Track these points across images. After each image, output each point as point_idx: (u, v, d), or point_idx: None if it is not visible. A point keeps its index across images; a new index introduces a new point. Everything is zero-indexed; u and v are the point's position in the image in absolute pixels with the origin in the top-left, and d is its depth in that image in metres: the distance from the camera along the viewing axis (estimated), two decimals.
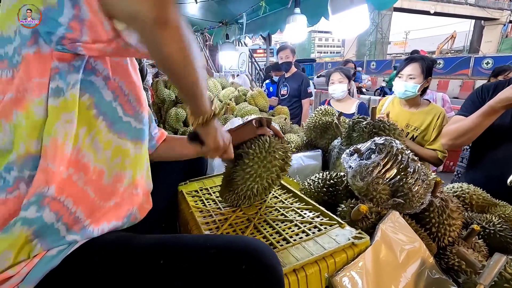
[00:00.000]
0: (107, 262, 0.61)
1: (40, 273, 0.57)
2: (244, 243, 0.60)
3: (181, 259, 0.58)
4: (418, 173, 0.93)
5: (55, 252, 0.59)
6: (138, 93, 0.73)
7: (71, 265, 0.60)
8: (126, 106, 0.69)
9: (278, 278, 0.58)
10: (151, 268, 0.58)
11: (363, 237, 0.75)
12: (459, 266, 0.90)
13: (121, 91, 0.68)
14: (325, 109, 1.73)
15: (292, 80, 3.40)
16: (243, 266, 0.55)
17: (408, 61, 1.76)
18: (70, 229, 0.61)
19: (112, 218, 0.67)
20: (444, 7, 23.97)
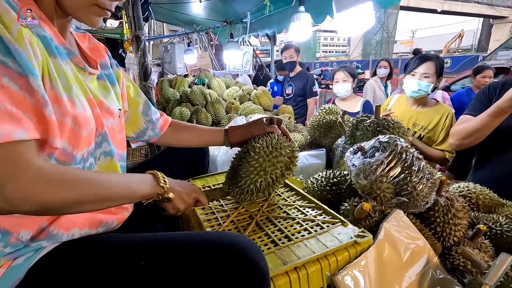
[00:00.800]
0: (82, 266, 0.59)
1: (8, 284, 0.56)
2: (226, 240, 0.59)
3: (161, 260, 0.57)
4: (423, 171, 0.92)
5: (21, 260, 0.58)
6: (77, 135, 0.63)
7: (41, 272, 0.58)
8: (60, 156, 0.62)
9: (261, 274, 0.56)
10: (132, 269, 0.57)
11: (366, 235, 0.75)
12: (464, 266, 0.88)
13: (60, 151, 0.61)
14: (329, 107, 1.72)
15: (297, 80, 3.38)
16: (222, 264, 0.54)
17: (423, 59, 1.71)
18: (34, 238, 0.59)
19: (85, 226, 0.66)
20: (451, 5, 23.65)
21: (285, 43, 4.07)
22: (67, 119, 0.59)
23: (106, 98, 0.75)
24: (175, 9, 3.99)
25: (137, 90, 0.98)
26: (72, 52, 0.66)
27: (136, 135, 0.98)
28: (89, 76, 0.72)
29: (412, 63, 1.75)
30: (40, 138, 0.53)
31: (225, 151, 1.63)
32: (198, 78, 3.37)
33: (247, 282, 0.54)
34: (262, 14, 3.55)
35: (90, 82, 0.71)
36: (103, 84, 0.78)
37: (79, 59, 0.68)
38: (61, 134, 0.59)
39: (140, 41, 1.61)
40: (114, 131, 0.77)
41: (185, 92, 2.85)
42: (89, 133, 0.66)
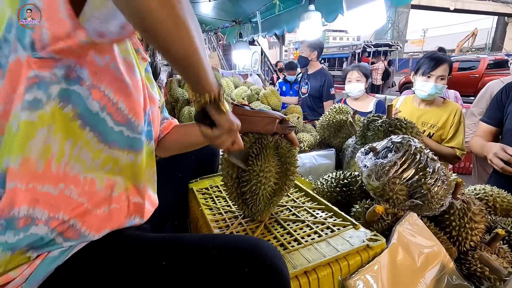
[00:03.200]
0: (110, 262, 0.60)
1: (43, 274, 0.57)
2: (248, 244, 0.58)
3: (183, 261, 0.57)
4: (438, 173, 0.89)
5: (57, 253, 0.58)
6: (132, 99, 0.65)
7: (73, 266, 0.59)
8: (116, 115, 0.63)
9: (283, 281, 0.55)
10: (153, 269, 0.56)
11: (379, 239, 0.72)
12: (481, 272, 0.85)
13: (108, 101, 0.62)
14: (339, 107, 1.69)
15: (314, 78, 3.14)
16: (245, 268, 0.53)
17: (439, 62, 1.68)
18: (68, 238, 0.59)
19: (115, 226, 0.66)
20: (464, 3, 23.10)
21: (294, 43, 4.00)
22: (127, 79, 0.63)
23: (151, 88, 0.78)
24: None
25: (159, 91, 0.98)
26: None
27: None
28: (141, 61, 0.74)
29: (426, 65, 1.71)
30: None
31: None
32: None
33: (270, 286, 0.53)
34: (271, 13, 3.53)
35: (141, 67, 0.74)
36: (147, 76, 0.81)
37: (134, 41, 0.70)
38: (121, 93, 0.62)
39: None
40: (155, 118, 0.79)
41: None
42: (141, 105, 0.68)
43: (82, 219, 0.61)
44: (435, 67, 1.68)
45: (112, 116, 0.63)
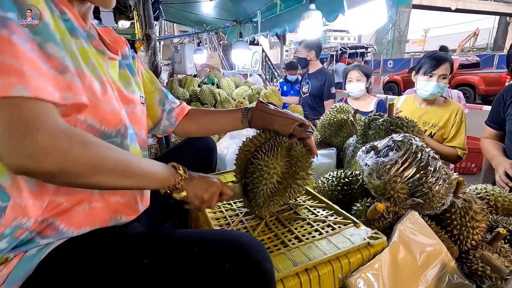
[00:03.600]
0: (90, 258, 0.59)
1: (21, 273, 0.56)
2: (230, 239, 0.58)
3: (164, 259, 0.56)
4: (439, 172, 0.88)
5: (34, 251, 0.58)
6: (100, 111, 0.63)
7: (52, 263, 0.58)
8: (89, 130, 0.61)
9: (266, 275, 0.54)
10: (134, 266, 0.56)
11: (380, 237, 0.72)
12: (483, 271, 0.84)
13: (76, 121, 0.60)
14: (340, 106, 1.69)
15: (314, 78, 3.13)
16: (226, 264, 0.53)
17: (441, 61, 1.68)
18: (45, 236, 0.59)
19: (96, 223, 0.65)
20: (466, 3, 23.03)
21: (295, 43, 3.99)
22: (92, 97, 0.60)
23: (125, 87, 0.75)
24: (185, 9, 4.02)
25: (154, 79, 0.96)
26: (91, 35, 0.67)
27: (154, 125, 0.97)
28: (109, 61, 0.72)
29: (427, 65, 1.71)
30: (58, 102, 0.51)
31: (234, 149, 1.62)
32: (207, 77, 3.38)
33: (251, 283, 0.53)
34: (272, 13, 3.53)
35: (110, 67, 0.71)
36: (123, 73, 0.78)
37: (98, 42, 0.68)
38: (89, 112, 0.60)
39: (151, 40, 1.62)
40: (136, 116, 0.77)
41: (194, 92, 2.86)
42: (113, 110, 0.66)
43: (61, 217, 0.60)
44: (437, 66, 1.67)
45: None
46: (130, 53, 0.86)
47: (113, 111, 0.65)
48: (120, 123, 0.67)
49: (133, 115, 0.75)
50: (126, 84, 0.77)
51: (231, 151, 1.65)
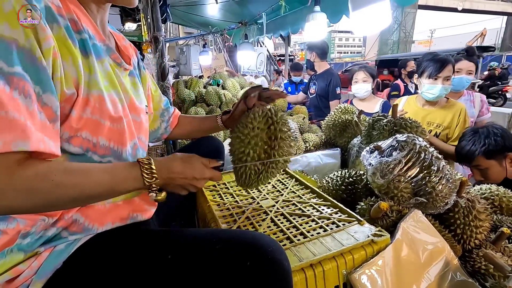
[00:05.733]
0: (118, 256, 0.62)
1: (51, 267, 0.60)
2: (251, 239, 0.60)
3: (188, 255, 0.59)
4: (443, 171, 0.90)
5: (63, 246, 0.62)
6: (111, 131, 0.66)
7: (80, 258, 0.62)
8: (100, 151, 0.65)
9: (284, 273, 0.57)
10: (159, 263, 0.59)
11: (383, 234, 0.74)
12: (486, 270, 0.85)
13: (88, 143, 0.63)
14: (345, 107, 1.71)
15: (321, 79, 3.17)
16: (248, 262, 0.55)
17: (445, 63, 1.69)
18: (72, 232, 0.63)
19: (116, 220, 0.69)
20: (473, 3, 22.81)
21: (299, 44, 4.00)
22: (101, 118, 0.63)
23: (136, 97, 0.78)
24: (191, 11, 4.06)
25: (160, 94, 1.05)
26: (110, 48, 0.70)
27: (150, 132, 1.02)
28: (124, 71, 0.76)
29: (431, 67, 1.71)
30: (36, 151, 0.51)
31: None
32: (213, 78, 3.41)
33: (271, 280, 0.55)
34: (277, 15, 3.55)
35: (124, 77, 0.75)
36: (133, 81, 0.81)
37: (116, 55, 0.72)
38: (101, 134, 0.63)
39: (159, 42, 1.65)
40: (142, 125, 0.80)
41: (200, 93, 2.89)
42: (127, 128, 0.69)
43: (84, 213, 0.64)
44: (442, 68, 1.68)
45: (97, 153, 0.65)
46: (139, 63, 0.90)
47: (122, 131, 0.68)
48: (127, 143, 0.70)
49: (138, 124, 0.78)
50: (136, 94, 0.80)
51: None
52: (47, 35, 0.53)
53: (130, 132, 0.72)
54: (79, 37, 0.61)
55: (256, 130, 0.77)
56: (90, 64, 0.63)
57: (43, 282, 0.59)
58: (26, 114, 0.49)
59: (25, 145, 0.48)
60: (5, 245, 0.59)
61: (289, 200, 0.97)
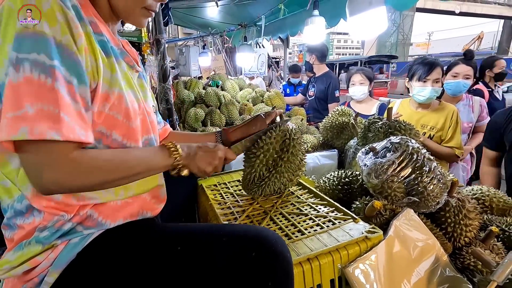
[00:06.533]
0: (129, 247, 0.66)
1: (66, 259, 0.63)
2: (255, 232, 0.65)
3: (196, 246, 0.64)
4: (434, 172, 0.94)
5: (77, 239, 0.66)
6: (125, 127, 0.70)
7: (93, 251, 0.65)
8: (113, 145, 0.69)
9: (286, 264, 0.61)
10: (169, 254, 0.63)
11: (377, 231, 0.78)
12: (475, 266, 0.90)
13: (102, 135, 0.67)
14: (342, 109, 1.75)
15: (320, 81, 3.21)
16: (253, 253, 0.60)
17: (433, 66, 1.75)
18: (87, 227, 0.67)
19: (127, 216, 0.73)
20: (470, 6, 23.02)
21: (298, 45, 4.05)
22: (118, 114, 0.67)
23: (144, 98, 0.83)
24: (191, 13, 4.10)
25: (152, 94, 1.05)
26: (124, 52, 0.74)
27: None
28: (135, 73, 0.80)
29: (420, 70, 1.77)
30: (75, 141, 0.57)
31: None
32: (212, 80, 3.45)
33: (275, 270, 0.59)
34: (276, 17, 3.60)
35: (136, 79, 0.79)
36: (140, 82, 0.85)
37: (129, 58, 0.76)
38: (115, 129, 0.67)
39: (160, 45, 1.69)
40: (155, 125, 0.84)
41: (199, 94, 2.92)
42: (140, 125, 0.73)
43: (97, 209, 0.68)
44: (430, 71, 1.74)
45: (109, 146, 0.69)
46: (141, 64, 0.93)
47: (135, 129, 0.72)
48: (139, 140, 0.74)
49: (151, 123, 0.82)
50: (144, 95, 0.84)
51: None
52: (79, 32, 0.58)
53: (144, 129, 0.76)
54: (99, 38, 0.66)
55: (272, 139, 0.91)
56: (112, 63, 0.67)
57: (59, 273, 0.63)
58: (61, 105, 0.54)
59: (57, 135, 0.53)
60: (22, 239, 0.64)
61: (288, 200, 1.01)
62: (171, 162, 0.71)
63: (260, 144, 0.91)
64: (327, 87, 3.13)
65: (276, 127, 0.95)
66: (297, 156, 0.96)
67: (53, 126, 0.53)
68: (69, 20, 0.57)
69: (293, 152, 0.93)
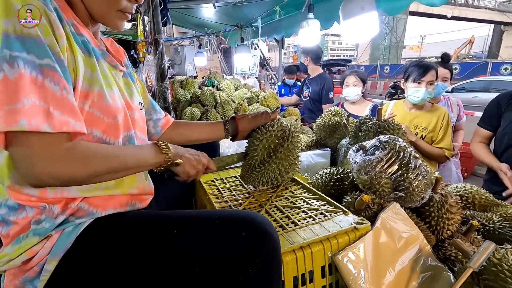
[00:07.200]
0: (127, 232, 0.70)
1: (62, 247, 0.66)
2: (245, 215, 0.70)
3: (191, 229, 0.68)
4: (419, 169, 1.00)
5: (71, 228, 0.69)
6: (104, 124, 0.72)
7: (87, 239, 0.69)
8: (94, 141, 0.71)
9: (274, 243, 0.66)
10: (167, 236, 0.67)
11: (364, 222, 0.84)
12: (455, 257, 0.96)
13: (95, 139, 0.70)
14: (334, 110, 1.81)
15: (314, 83, 3.29)
16: (243, 233, 0.65)
17: (428, 68, 1.82)
18: (79, 216, 0.70)
19: (117, 206, 0.77)
20: (462, 11, 23.49)
21: (293, 46, 4.11)
22: (99, 112, 0.70)
23: (130, 95, 0.86)
24: (188, 13, 4.12)
25: (145, 89, 1.08)
26: (105, 52, 0.77)
27: None
28: (119, 73, 0.83)
29: (415, 72, 1.84)
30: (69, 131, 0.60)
31: (235, 148, 1.73)
32: (208, 79, 3.48)
33: (264, 248, 0.65)
34: (271, 18, 3.66)
35: (119, 79, 0.82)
36: (126, 81, 0.88)
37: (111, 58, 0.79)
38: (95, 125, 0.70)
39: (159, 45, 1.73)
40: (138, 122, 0.87)
41: (195, 93, 2.95)
42: (121, 122, 0.76)
43: (88, 201, 0.72)
44: (425, 73, 1.81)
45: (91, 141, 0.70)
46: (128, 62, 0.96)
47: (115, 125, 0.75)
48: (120, 135, 0.77)
49: (135, 121, 0.85)
50: (130, 93, 0.87)
51: (232, 150, 1.76)
52: (61, 33, 0.62)
53: (124, 126, 0.79)
54: (81, 39, 0.69)
55: (275, 127, 1.03)
56: (93, 63, 0.70)
57: (57, 261, 0.66)
58: (50, 101, 0.58)
59: (49, 128, 0.57)
60: (18, 233, 0.67)
61: (282, 194, 1.07)
62: (162, 159, 0.75)
63: (264, 130, 1.02)
64: (321, 89, 3.20)
65: (278, 119, 1.09)
66: (295, 149, 1.05)
67: (46, 119, 0.56)
68: (51, 22, 0.60)
69: (292, 142, 1.03)
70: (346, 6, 1.66)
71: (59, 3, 0.66)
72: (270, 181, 1.06)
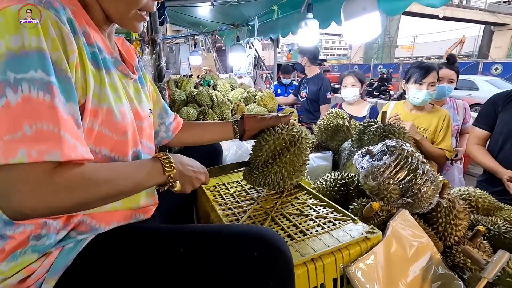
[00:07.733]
0: (126, 250, 0.66)
1: (62, 264, 0.63)
2: (256, 232, 0.66)
3: (199, 247, 0.64)
4: (427, 175, 0.98)
5: (72, 245, 0.65)
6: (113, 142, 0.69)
7: (91, 255, 0.65)
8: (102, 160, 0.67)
9: (288, 263, 0.63)
10: (169, 254, 0.63)
11: (376, 232, 0.81)
12: (464, 264, 0.95)
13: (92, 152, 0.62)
14: (336, 112, 1.79)
15: (312, 83, 3.27)
16: (255, 253, 0.61)
17: (429, 70, 1.82)
18: (80, 232, 0.66)
19: (121, 220, 0.73)
20: (453, 11, 23.78)
21: (287, 45, 4.09)
22: (107, 130, 0.66)
23: (139, 102, 0.81)
24: (183, 11, 4.06)
25: (158, 93, 1.04)
26: (118, 60, 0.73)
27: None
28: (129, 80, 0.78)
29: (417, 74, 1.83)
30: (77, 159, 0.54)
31: (235, 151, 1.69)
32: (203, 79, 3.43)
33: (276, 269, 0.61)
34: (268, 18, 3.61)
35: (129, 87, 0.78)
36: (136, 86, 0.83)
37: (124, 67, 0.74)
38: (104, 144, 0.66)
39: (156, 44, 1.68)
40: (145, 131, 0.83)
41: (191, 93, 2.90)
42: (130, 138, 0.72)
43: (90, 215, 0.67)
44: (426, 75, 1.80)
45: (98, 161, 0.66)
46: (139, 64, 0.91)
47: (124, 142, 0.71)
48: (129, 151, 0.73)
49: (141, 129, 0.81)
50: (139, 100, 0.82)
51: (232, 152, 1.72)
52: (74, 48, 0.57)
53: (133, 141, 0.75)
54: (92, 50, 0.64)
55: (284, 130, 1.01)
56: (102, 77, 0.65)
57: (56, 280, 0.62)
58: (61, 123, 0.52)
59: (57, 156, 0.51)
60: (14, 249, 0.62)
61: (287, 201, 1.04)
62: (164, 180, 0.69)
63: (272, 132, 1.01)
64: (318, 89, 3.18)
65: (293, 125, 1.08)
66: (302, 156, 1.02)
67: (54, 146, 0.50)
68: (63, 36, 0.55)
69: (299, 147, 1.01)
70: (347, 6, 1.63)
71: (73, 7, 0.62)
72: (272, 184, 1.02)
